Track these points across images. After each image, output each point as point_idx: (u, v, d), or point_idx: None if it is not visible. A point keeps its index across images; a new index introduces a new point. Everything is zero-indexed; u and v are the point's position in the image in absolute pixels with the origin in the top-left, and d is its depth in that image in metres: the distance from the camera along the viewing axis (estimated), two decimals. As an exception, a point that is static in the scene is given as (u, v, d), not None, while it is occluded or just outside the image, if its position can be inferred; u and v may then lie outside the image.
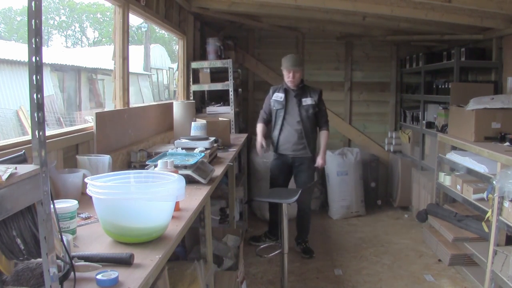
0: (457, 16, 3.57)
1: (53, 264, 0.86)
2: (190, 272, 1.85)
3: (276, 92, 3.73)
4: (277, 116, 3.70)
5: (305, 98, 3.64)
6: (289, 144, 3.67)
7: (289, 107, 3.65)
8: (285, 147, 3.69)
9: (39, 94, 0.81)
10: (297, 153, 3.68)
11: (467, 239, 3.23)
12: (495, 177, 2.59)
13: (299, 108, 3.63)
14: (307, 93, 3.66)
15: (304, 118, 3.62)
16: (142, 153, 2.55)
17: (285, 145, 3.69)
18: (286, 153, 3.70)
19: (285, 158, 3.73)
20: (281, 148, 3.72)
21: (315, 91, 3.70)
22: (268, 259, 3.35)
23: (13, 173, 0.78)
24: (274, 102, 3.71)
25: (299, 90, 3.66)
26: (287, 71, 3.61)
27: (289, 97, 3.66)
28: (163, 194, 1.32)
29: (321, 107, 3.70)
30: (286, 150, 3.69)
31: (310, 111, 3.63)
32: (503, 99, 3.23)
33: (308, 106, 3.63)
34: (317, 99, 3.65)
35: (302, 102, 3.63)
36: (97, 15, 25.42)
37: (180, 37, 4.34)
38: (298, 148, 3.66)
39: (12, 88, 8.52)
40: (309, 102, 3.63)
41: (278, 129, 3.69)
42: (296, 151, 3.67)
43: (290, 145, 3.67)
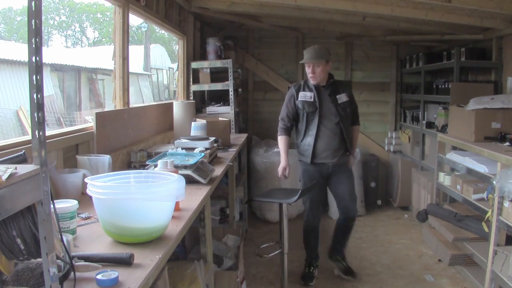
0: (457, 16, 3.58)
1: (53, 264, 0.86)
2: (190, 272, 1.85)
3: (302, 91, 3.11)
4: (309, 120, 3.08)
5: (339, 94, 3.11)
6: (330, 151, 3.09)
7: (324, 107, 3.07)
8: (325, 155, 3.10)
9: (39, 94, 0.81)
10: (339, 160, 3.13)
11: (467, 239, 3.23)
12: (495, 177, 2.59)
13: (336, 108, 3.07)
14: (339, 88, 3.14)
15: (343, 118, 3.10)
16: (142, 153, 2.55)
17: (325, 152, 3.10)
18: (326, 161, 3.12)
19: (323, 167, 3.14)
20: (319, 157, 3.11)
21: (345, 84, 3.29)
22: (268, 259, 3.35)
23: (13, 173, 0.78)
24: (302, 104, 3.08)
25: (331, 87, 3.10)
26: (307, 65, 3.06)
27: (322, 96, 3.08)
28: (163, 194, 1.32)
29: (353, 101, 3.25)
30: (326, 158, 3.11)
31: (347, 109, 3.13)
32: (503, 99, 3.23)
33: (344, 104, 3.12)
34: (349, 93, 3.18)
35: (337, 100, 3.10)
36: (97, 15, 25.41)
37: (180, 37, 4.34)
38: (339, 154, 3.13)
39: (12, 88, 8.52)
40: (344, 98, 3.12)
41: (312, 136, 3.07)
42: (338, 158, 3.12)
43: (331, 152, 3.10)
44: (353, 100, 3.24)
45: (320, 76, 3.03)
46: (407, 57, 5.18)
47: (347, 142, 3.13)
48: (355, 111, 3.29)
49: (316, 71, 3.01)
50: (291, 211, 4.54)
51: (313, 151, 3.07)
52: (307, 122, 3.08)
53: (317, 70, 3.01)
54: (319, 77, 3.03)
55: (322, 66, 3.00)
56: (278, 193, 3.06)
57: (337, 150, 3.10)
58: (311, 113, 3.05)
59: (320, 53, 3.00)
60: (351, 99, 3.18)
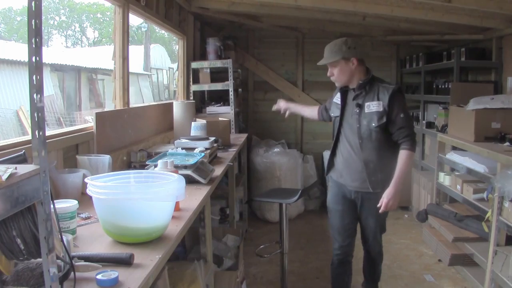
0: (457, 16, 3.58)
1: (53, 264, 0.86)
2: (190, 272, 1.85)
3: (336, 93, 2.58)
4: (334, 127, 2.57)
5: (369, 101, 2.36)
6: (348, 171, 2.46)
7: (346, 115, 2.47)
8: (343, 174, 2.50)
9: (39, 94, 0.81)
10: (361, 187, 2.44)
11: (467, 239, 3.23)
12: (495, 177, 2.59)
13: (358, 118, 2.37)
14: (373, 93, 2.37)
15: (364, 135, 2.37)
16: (142, 153, 2.55)
17: (342, 171, 2.50)
18: (345, 183, 2.50)
19: (344, 189, 2.53)
20: (338, 174, 2.54)
21: (386, 88, 2.36)
22: (268, 259, 3.35)
23: (13, 173, 0.78)
24: (333, 106, 2.58)
25: (361, 90, 2.40)
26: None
27: (348, 99, 2.48)
28: (163, 194, 1.32)
29: (396, 113, 2.32)
30: (344, 179, 2.50)
31: (374, 123, 2.32)
32: (503, 99, 3.23)
33: (371, 115, 2.33)
34: (387, 101, 2.30)
35: (363, 109, 2.37)
36: (97, 15, 25.43)
37: (180, 37, 4.34)
38: (361, 180, 2.42)
39: (12, 88, 8.52)
40: (374, 107, 2.34)
41: (332, 146, 2.56)
42: (359, 184, 2.43)
43: (350, 173, 2.46)
44: (396, 111, 2.32)
45: (341, 78, 2.41)
46: (407, 57, 5.18)
47: (371, 169, 2.38)
48: (402, 127, 2.33)
49: (334, 72, 2.43)
50: (291, 211, 4.55)
51: (331, 165, 2.59)
52: (333, 128, 2.58)
53: (334, 71, 2.42)
54: (339, 79, 2.43)
55: (341, 66, 2.38)
56: (278, 193, 3.06)
57: (358, 173, 2.42)
58: (336, 118, 2.53)
59: (334, 50, 2.39)
60: (388, 110, 2.30)
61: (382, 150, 2.38)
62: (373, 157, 2.38)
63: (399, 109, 2.33)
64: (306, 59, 5.34)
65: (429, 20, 3.66)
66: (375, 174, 2.39)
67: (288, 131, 5.46)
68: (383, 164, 2.39)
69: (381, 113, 2.31)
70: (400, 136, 2.34)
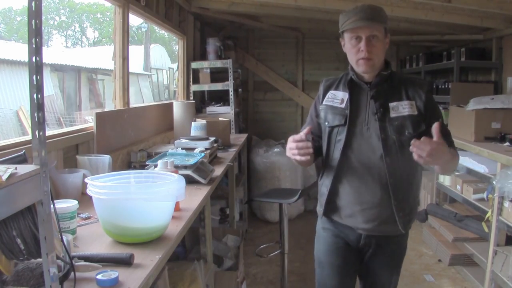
0: (457, 16, 3.58)
1: (53, 264, 0.86)
2: (190, 272, 1.85)
3: (333, 90, 1.76)
4: (331, 141, 1.71)
5: (394, 101, 1.65)
6: (360, 206, 1.67)
7: (357, 121, 1.67)
8: (351, 212, 1.70)
9: (39, 94, 0.81)
10: (380, 228, 1.69)
11: (467, 239, 3.23)
12: (495, 177, 2.59)
13: (382, 126, 1.62)
14: (398, 89, 1.68)
15: (392, 149, 1.62)
16: (142, 153, 2.55)
17: (351, 207, 1.69)
18: (353, 224, 1.72)
19: (348, 234, 1.76)
20: (342, 213, 1.73)
21: (417, 84, 1.70)
22: (268, 259, 3.35)
23: (13, 173, 0.78)
24: (326, 112, 1.73)
25: (382, 84, 1.67)
26: (352, 34, 1.62)
27: (359, 99, 1.69)
28: (163, 194, 1.32)
29: (435, 118, 1.61)
30: (352, 220, 1.71)
31: (409, 130, 1.62)
32: (503, 99, 3.23)
33: (402, 121, 1.62)
34: (423, 100, 1.65)
35: (388, 111, 1.64)
36: (97, 15, 25.42)
37: (180, 37, 4.34)
38: (375, 216, 1.67)
39: (12, 88, 8.52)
40: (406, 109, 1.64)
41: (332, 172, 1.70)
42: (378, 223, 1.68)
43: (361, 211, 1.67)
44: (438, 115, 1.67)
45: (380, 56, 1.65)
46: (407, 57, 5.18)
47: (401, 200, 1.63)
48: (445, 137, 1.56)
49: (373, 46, 1.60)
50: (291, 211, 4.54)
51: (329, 198, 1.72)
52: (328, 144, 1.71)
53: (376, 44, 1.60)
54: (378, 56, 1.63)
55: (382, 39, 1.63)
56: (278, 193, 3.06)
57: (377, 209, 1.65)
58: (337, 129, 1.68)
59: (379, 13, 1.63)
60: (428, 114, 1.64)
61: (413, 172, 1.68)
62: (403, 182, 1.64)
63: (438, 112, 1.69)
64: (306, 59, 5.34)
65: (429, 20, 3.66)
66: (405, 207, 1.65)
67: (288, 131, 5.46)
68: (414, 192, 1.72)
69: (417, 117, 1.62)
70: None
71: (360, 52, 1.62)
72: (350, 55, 1.67)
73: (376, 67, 1.67)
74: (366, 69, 1.65)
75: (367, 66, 1.64)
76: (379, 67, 1.68)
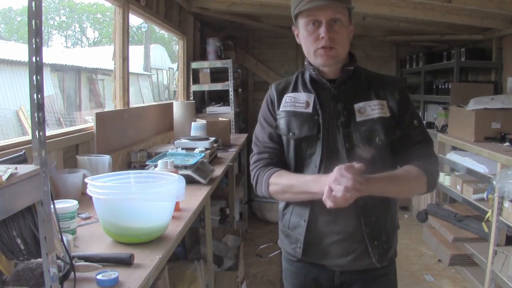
0: (457, 17, 3.58)
1: (53, 264, 0.86)
2: (190, 272, 1.85)
3: (289, 93, 1.41)
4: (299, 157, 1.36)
5: (361, 101, 1.33)
6: (331, 237, 1.33)
7: (331, 131, 1.32)
8: (320, 248, 1.35)
9: (39, 94, 0.81)
10: (351, 265, 1.34)
11: (467, 239, 3.23)
12: (495, 177, 2.59)
13: (345, 131, 1.31)
14: (365, 87, 1.36)
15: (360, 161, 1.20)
16: (142, 153, 2.55)
17: (321, 241, 1.34)
18: (325, 261, 1.37)
19: (320, 273, 1.41)
20: (309, 252, 1.37)
21: (388, 81, 1.39)
22: (268, 259, 3.35)
23: (13, 173, 0.78)
24: (288, 120, 1.36)
25: (346, 82, 1.36)
26: (309, 17, 1.28)
27: (322, 102, 1.35)
28: (163, 194, 1.32)
29: (408, 120, 1.35)
30: (322, 255, 1.36)
31: (379, 137, 1.30)
32: (503, 99, 3.23)
33: (372, 124, 1.30)
34: (397, 99, 1.34)
35: (354, 114, 1.32)
36: (97, 15, 25.42)
37: (180, 37, 4.34)
38: (350, 249, 1.32)
39: (12, 88, 8.52)
40: (376, 111, 1.32)
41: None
42: (347, 258, 1.33)
43: (333, 243, 1.33)
44: (412, 117, 1.35)
45: (343, 44, 1.32)
46: (407, 57, 5.18)
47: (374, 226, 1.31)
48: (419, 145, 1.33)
49: (338, 31, 1.29)
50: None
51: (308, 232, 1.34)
52: (296, 160, 1.35)
53: (339, 29, 1.29)
54: (341, 47, 1.31)
55: (346, 25, 1.33)
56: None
57: (351, 238, 1.31)
58: (307, 141, 1.33)
59: None
60: (399, 114, 1.33)
61: None
62: (377, 202, 1.29)
63: (412, 113, 1.35)
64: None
65: (429, 20, 3.66)
66: (380, 234, 1.32)
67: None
68: (392, 214, 1.38)
69: (389, 120, 1.30)
70: (413, 156, 1.30)
71: (319, 40, 1.27)
72: (307, 44, 1.32)
73: (340, 59, 1.33)
74: (328, 61, 1.30)
75: (329, 57, 1.29)
76: (343, 60, 1.35)
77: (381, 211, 1.33)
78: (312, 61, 1.36)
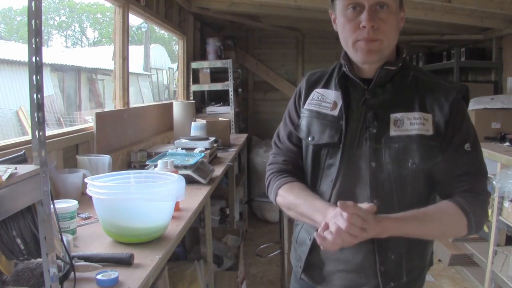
0: (457, 17, 3.58)
1: (53, 264, 0.86)
2: (190, 272, 1.85)
3: (319, 88, 1.18)
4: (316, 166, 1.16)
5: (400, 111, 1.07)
6: (335, 266, 1.15)
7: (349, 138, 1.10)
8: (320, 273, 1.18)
9: (39, 94, 0.81)
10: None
11: (467, 239, 3.23)
12: (495, 177, 2.59)
13: (373, 146, 1.07)
14: (411, 93, 1.09)
15: (386, 185, 1.06)
16: (142, 153, 2.55)
17: (320, 266, 1.18)
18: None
19: None
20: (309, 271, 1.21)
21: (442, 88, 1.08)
22: (268, 259, 3.35)
23: (13, 173, 0.78)
24: (310, 121, 1.16)
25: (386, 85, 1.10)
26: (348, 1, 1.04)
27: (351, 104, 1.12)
28: (163, 194, 1.32)
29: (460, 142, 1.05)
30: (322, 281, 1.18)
31: (414, 160, 1.04)
32: (503, 99, 3.23)
33: (408, 142, 1.05)
34: (446, 114, 1.04)
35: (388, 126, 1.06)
36: (97, 15, 25.41)
37: (180, 37, 4.34)
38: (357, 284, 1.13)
39: (12, 88, 8.52)
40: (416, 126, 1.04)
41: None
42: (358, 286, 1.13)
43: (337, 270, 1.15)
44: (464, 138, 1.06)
45: (390, 40, 1.10)
46: (407, 57, 5.18)
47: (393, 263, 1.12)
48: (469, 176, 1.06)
49: (384, 19, 1.05)
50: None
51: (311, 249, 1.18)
52: (313, 169, 1.18)
53: (387, 17, 1.06)
54: (388, 39, 1.09)
55: (396, 11, 1.09)
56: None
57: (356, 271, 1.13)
58: (325, 149, 1.15)
59: None
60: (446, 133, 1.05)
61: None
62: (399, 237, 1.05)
63: (465, 135, 1.07)
64: (306, 59, 5.34)
65: (429, 20, 3.66)
66: (400, 275, 1.13)
67: (288, 131, 5.46)
68: (421, 250, 1.23)
69: (431, 140, 1.05)
70: (456, 190, 1.06)
71: (360, 30, 1.03)
72: (344, 33, 1.08)
73: (384, 55, 1.08)
74: (368, 56, 1.06)
75: (370, 53, 1.05)
76: (388, 56, 1.10)
77: (404, 248, 1.05)
78: (350, 55, 1.11)
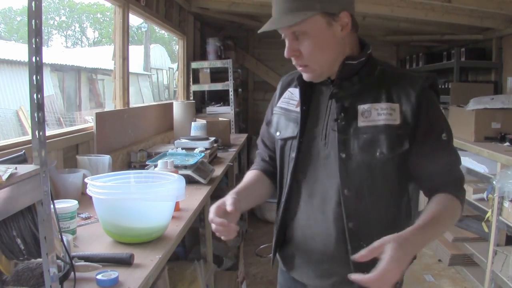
0: (457, 17, 3.58)
1: (53, 264, 0.86)
2: (190, 272, 1.85)
3: (292, 87, 1.25)
4: (283, 160, 1.20)
5: (368, 102, 1.07)
6: (307, 256, 1.16)
7: (315, 132, 1.13)
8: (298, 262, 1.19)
9: (39, 94, 0.81)
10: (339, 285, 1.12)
11: (467, 239, 3.23)
12: (495, 177, 2.59)
13: (341, 138, 1.07)
14: (376, 86, 1.09)
15: (355, 176, 1.06)
16: (142, 153, 2.55)
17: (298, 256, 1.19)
18: (301, 279, 1.20)
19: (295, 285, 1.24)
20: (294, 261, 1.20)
21: (408, 78, 1.09)
22: (268, 259, 3.35)
23: (13, 173, 0.78)
24: (279, 117, 1.23)
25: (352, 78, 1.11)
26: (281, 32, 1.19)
27: (319, 100, 1.16)
28: (163, 194, 1.32)
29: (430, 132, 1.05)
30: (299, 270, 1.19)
31: (382, 149, 1.04)
32: (503, 99, 3.23)
33: (375, 132, 1.05)
34: (413, 103, 1.04)
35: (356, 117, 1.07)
36: (97, 15, 25.43)
37: (180, 37, 4.34)
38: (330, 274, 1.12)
39: (12, 88, 8.52)
40: (383, 116, 1.05)
41: (282, 202, 1.20)
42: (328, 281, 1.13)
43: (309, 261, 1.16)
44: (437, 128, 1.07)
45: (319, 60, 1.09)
46: (407, 57, 5.18)
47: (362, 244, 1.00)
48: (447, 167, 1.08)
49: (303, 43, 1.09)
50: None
51: (278, 238, 1.22)
52: (281, 163, 1.22)
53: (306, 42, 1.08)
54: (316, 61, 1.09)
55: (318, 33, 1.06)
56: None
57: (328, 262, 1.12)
58: (289, 142, 1.18)
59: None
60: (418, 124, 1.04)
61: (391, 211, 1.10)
62: (372, 227, 1.06)
63: (434, 123, 1.07)
64: (306, 59, 5.35)
65: (429, 20, 3.66)
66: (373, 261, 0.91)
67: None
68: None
69: (398, 129, 1.04)
70: (439, 181, 1.08)
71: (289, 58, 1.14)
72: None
73: (324, 73, 1.11)
74: (308, 78, 1.13)
75: (307, 76, 1.12)
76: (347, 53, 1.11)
77: (377, 236, 0.92)
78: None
